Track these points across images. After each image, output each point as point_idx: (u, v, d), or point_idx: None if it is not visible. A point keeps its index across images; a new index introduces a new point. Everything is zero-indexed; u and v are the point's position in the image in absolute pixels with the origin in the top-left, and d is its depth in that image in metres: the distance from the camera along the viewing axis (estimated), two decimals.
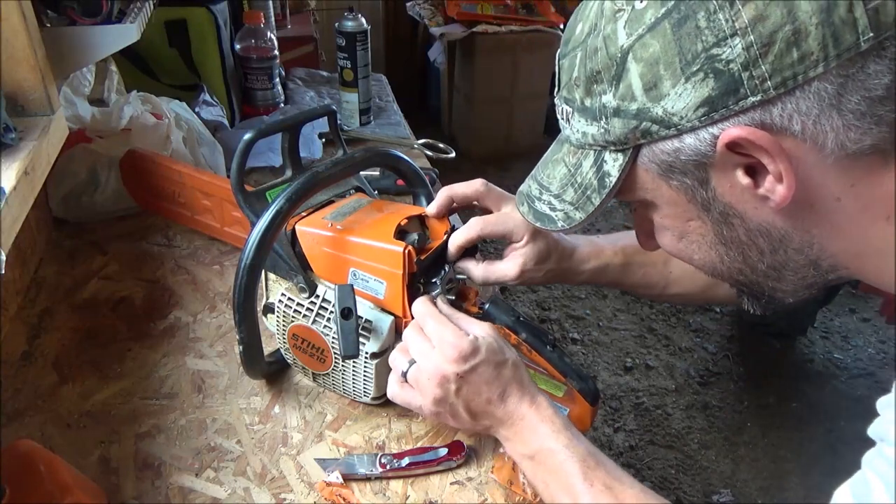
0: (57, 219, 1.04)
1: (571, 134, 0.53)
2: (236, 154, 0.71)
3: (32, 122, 0.74)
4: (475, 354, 0.60)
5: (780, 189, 0.44)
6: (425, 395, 0.62)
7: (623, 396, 2.03)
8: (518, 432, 0.61)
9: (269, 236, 0.64)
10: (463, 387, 0.60)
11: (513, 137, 3.51)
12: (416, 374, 0.62)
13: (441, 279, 0.70)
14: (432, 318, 0.63)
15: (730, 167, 0.45)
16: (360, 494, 0.64)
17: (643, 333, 2.30)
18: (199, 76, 1.32)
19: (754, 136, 0.42)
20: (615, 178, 0.50)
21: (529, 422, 0.60)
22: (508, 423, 0.61)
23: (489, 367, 0.60)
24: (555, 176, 0.56)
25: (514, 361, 0.62)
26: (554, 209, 0.56)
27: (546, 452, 0.59)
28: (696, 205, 0.49)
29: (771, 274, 0.52)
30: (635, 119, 0.46)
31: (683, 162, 0.46)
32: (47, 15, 0.85)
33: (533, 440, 0.60)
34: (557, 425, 0.60)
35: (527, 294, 2.50)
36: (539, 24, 3.19)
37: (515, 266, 0.74)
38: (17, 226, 0.65)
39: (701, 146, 0.44)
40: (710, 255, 0.53)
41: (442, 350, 0.60)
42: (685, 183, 0.48)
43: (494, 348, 0.61)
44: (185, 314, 0.88)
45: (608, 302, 2.45)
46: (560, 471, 0.58)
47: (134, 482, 0.65)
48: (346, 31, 1.32)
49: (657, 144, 0.47)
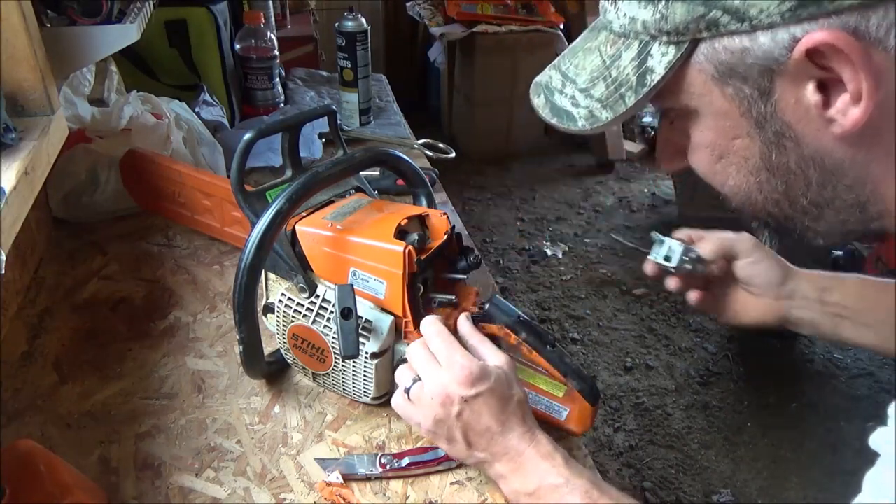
0: (57, 219, 1.04)
1: (615, 19, 0.45)
2: (236, 154, 0.71)
3: (32, 122, 0.74)
4: (484, 381, 0.58)
5: (853, 112, 0.38)
6: (426, 414, 0.60)
7: (623, 396, 2.03)
8: (517, 469, 0.58)
9: (269, 236, 0.64)
10: (465, 411, 0.58)
11: (513, 137, 3.51)
12: (418, 392, 0.61)
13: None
14: (439, 338, 0.61)
15: (802, 79, 0.39)
16: (360, 494, 0.64)
17: (643, 333, 2.29)
18: (199, 76, 1.32)
19: (844, 44, 0.36)
20: (659, 76, 0.43)
21: (529, 458, 0.58)
22: (506, 458, 0.59)
23: (494, 398, 0.58)
24: (584, 66, 0.48)
25: (520, 398, 0.60)
26: (577, 105, 0.48)
27: (547, 489, 0.56)
28: (748, 119, 0.43)
29: (811, 211, 0.46)
30: (703, 5, 0.39)
31: (748, 66, 0.40)
32: (47, 15, 0.85)
33: (533, 477, 0.57)
34: (558, 461, 0.57)
35: (527, 294, 2.50)
36: (539, 24, 3.19)
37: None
38: (17, 226, 0.65)
39: (774, 49, 0.38)
40: (747, 181, 0.47)
41: (451, 370, 0.58)
42: (742, 92, 0.42)
43: (503, 380, 0.59)
44: (185, 314, 0.88)
45: (608, 302, 2.45)
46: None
47: (134, 482, 0.65)
48: (346, 31, 1.32)
49: (721, 40, 0.40)
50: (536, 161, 3.50)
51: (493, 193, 3.19)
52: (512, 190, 3.23)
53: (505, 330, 0.69)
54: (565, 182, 3.33)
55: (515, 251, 2.77)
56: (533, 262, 2.70)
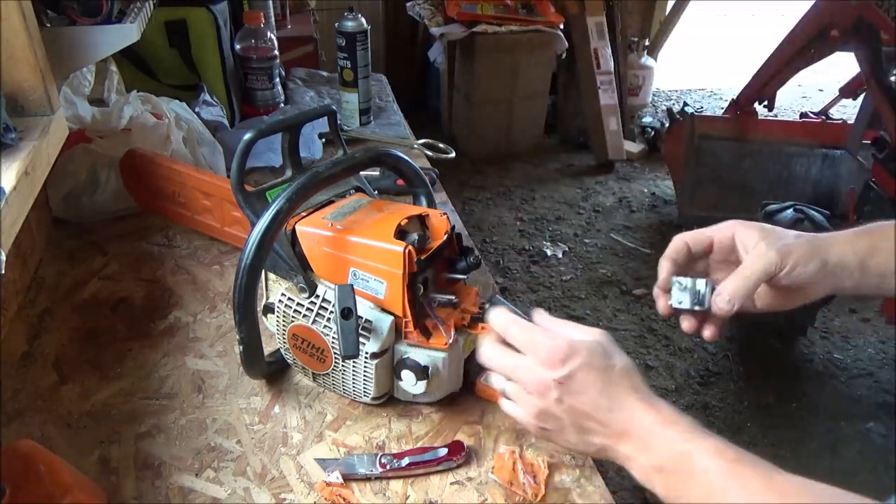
0: (57, 219, 1.04)
1: None
2: (236, 154, 0.71)
3: (32, 122, 0.74)
4: (574, 356, 0.53)
5: None
6: (527, 411, 0.56)
7: None
8: (642, 445, 0.52)
9: (269, 236, 0.64)
10: (565, 396, 0.53)
11: (513, 137, 3.51)
12: (514, 390, 0.57)
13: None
14: (514, 325, 0.57)
15: None
16: (360, 494, 0.64)
17: (643, 333, 2.30)
18: (199, 76, 1.32)
19: None
20: None
21: (651, 430, 0.52)
22: (626, 436, 0.53)
23: (592, 371, 0.53)
24: None
25: (623, 366, 0.55)
26: None
27: (677, 459, 0.50)
28: None
29: None
30: None
31: None
32: (47, 15, 0.85)
33: (659, 448, 0.51)
34: (683, 426, 0.51)
35: (527, 294, 2.50)
36: (539, 24, 3.19)
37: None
38: (17, 226, 0.65)
39: None
40: None
41: (535, 354, 0.55)
42: None
43: (598, 351, 0.54)
44: (185, 314, 0.88)
45: (608, 302, 2.45)
46: (700, 474, 0.49)
47: (134, 482, 0.65)
48: (346, 31, 1.32)
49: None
50: (536, 161, 3.50)
51: (493, 193, 3.19)
52: (512, 190, 3.23)
53: None
54: (565, 182, 3.33)
55: (515, 251, 2.77)
56: (533, 262, 2.70)
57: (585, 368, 0.53)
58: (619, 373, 0.54)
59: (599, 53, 3.37)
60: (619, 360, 0.55)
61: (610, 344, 0.56)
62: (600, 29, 3.38)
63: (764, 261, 0.60)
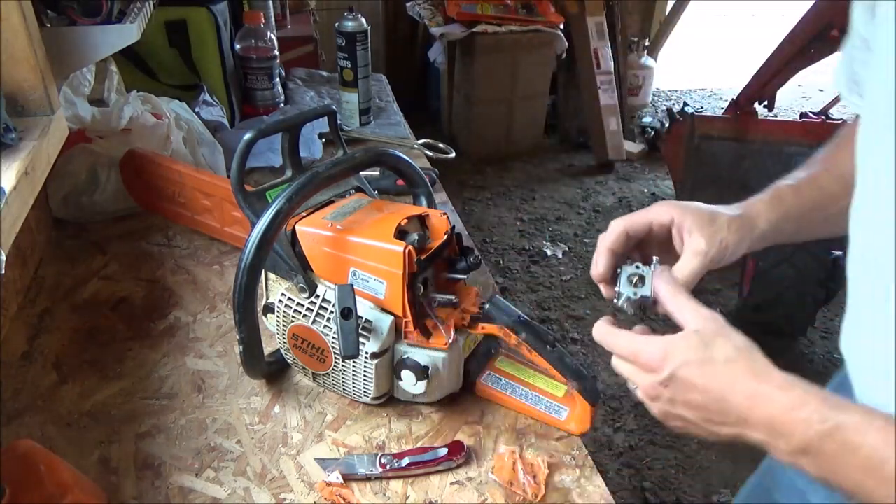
0: (57, 219, 1.04)
1: None
2: (236, 154, 0.71)
3: (32, 122, 0.74)
4: (671, 356, 0.52)
5: None
6: (656, 414, 0.56)
7: (623, 396, 2.03)
8: (771, 432, 0.49)
9: (269, 236, 0.64)
10: (675, 396, 0.53)
11: (513, 137, 3.51)
12: (641, 396, 0.57)
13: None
14: (611, 337, 0.58)
15: None
16: (360, 494, 0.64)
17: None
18: (199, 76, 1.32)
19: None
20: None
21: (779, 415, 0.48)
22: (751, 424, 0.50)
23: (691, 368, 0.52)
24: None
25: (728, 354, 0.51)
26: None
27: (820, 440, 0.47)
28: None
29: None
30: None
31: None
32: (47, 15, 0.85)
33: (796, 432, 0.47)
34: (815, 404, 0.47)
35: (527, 294, 2.50)
36: (539, 24, 3.19)
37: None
38: (17, 226, 0.65)
39: None
40: None
41: (637, 362, 0.55)
42: None
43: (696, 344, 0.52)
44: (185, 314, 0.88)
45: (608, 302, 2.45)
46: (853, 451, 0.46)
47: (134, 482, 0.65)
48: (346, 31, 1.32)
49: None
50: (536, 161, 3.50)
51: (493, 193, 3.19)
52: (512, 190, 3.23)
53: (505, 330, 0.69)
54: (565, 182, 3.33)
55: (515, 251, 2.77)
56: (533, 262, 2.70)
57: (684, 366, 0.52)
58: (723, 361, 0.51)
59: (599, 53, 3.37)
60: (722, 346, 0.52)
61: (713, 330, 0.53)
62: (600, 29, 3.39)
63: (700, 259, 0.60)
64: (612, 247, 0.63)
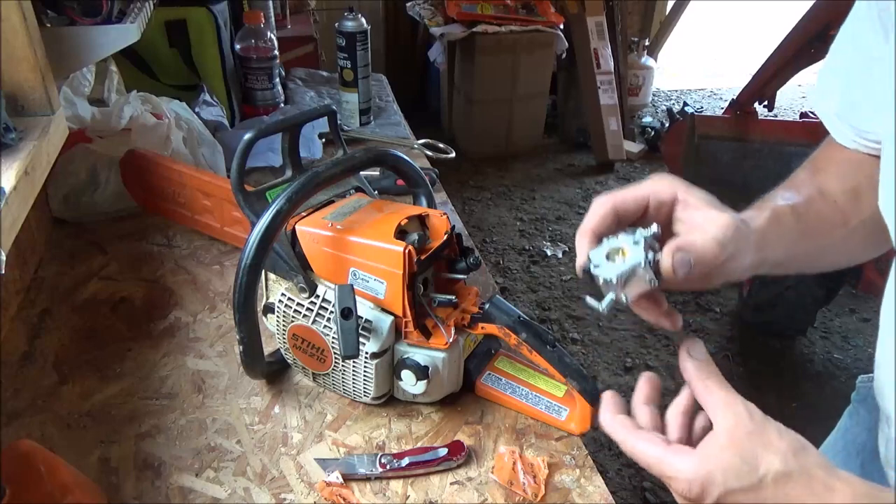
0: (57, 219, 1.04)
1: None
2: (236, 154, 0.71)
3: (32, 122, 0.74)
4: (709, 489, 0.44)
5: None
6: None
7: (623, 396, 2.03)
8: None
9: (269, 236, 0.64)
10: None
11: (513, 137, 3.51)
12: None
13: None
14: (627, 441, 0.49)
15: None
16: (360, 494, 0.64)
17: (643, 333, 2.30)
18: (199, 76, 1.32)
19: None
20: None
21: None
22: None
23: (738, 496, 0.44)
24: None
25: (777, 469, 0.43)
26: None
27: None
28: None
29: None
30: None
31: None
32: (47, 15, 0.85)
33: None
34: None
35: (527, 294, 2.50)
36: (539, 24, 3.19)
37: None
38: (17, 226, 0.65)
39: None
40: None
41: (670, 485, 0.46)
42: None
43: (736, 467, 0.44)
44: (185, 314, 0.88)
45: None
46: None
47: (134, 482, 0.65)
48: (346, 31, 1.32)
49: None
50: (536, 161, 3.50)
51: (493, 193, 3.19)
52: (512, 190, 3.23)
53: (505, 330, 0.69)
54: (565, 182, 3.33)
55: (515, 251, 2.77)
56: (533, 262, 2.70)
57: (729, 495, 0.44)
58: (773, 481, 0.43)
59: (599, 53, 3.38)
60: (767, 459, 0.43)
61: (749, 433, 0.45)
62: (600, 29, 3.39)
63: (725, 231, 0.49)
64: (595, 228, 0.52)
